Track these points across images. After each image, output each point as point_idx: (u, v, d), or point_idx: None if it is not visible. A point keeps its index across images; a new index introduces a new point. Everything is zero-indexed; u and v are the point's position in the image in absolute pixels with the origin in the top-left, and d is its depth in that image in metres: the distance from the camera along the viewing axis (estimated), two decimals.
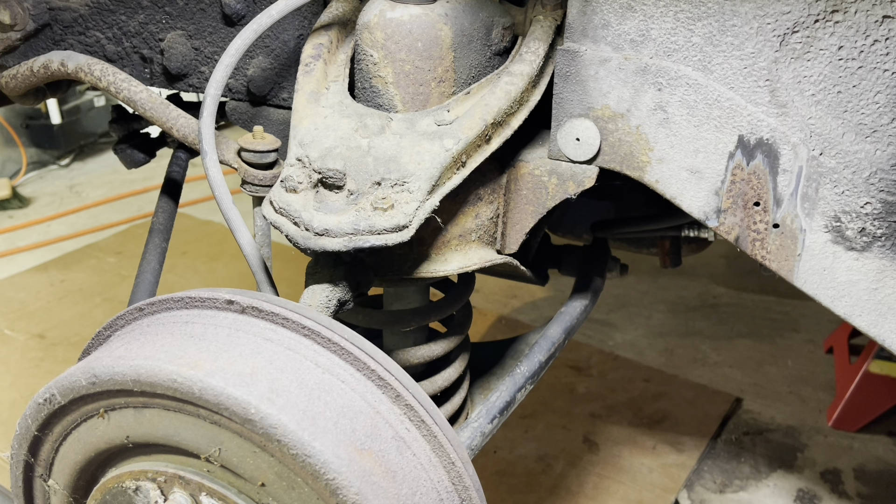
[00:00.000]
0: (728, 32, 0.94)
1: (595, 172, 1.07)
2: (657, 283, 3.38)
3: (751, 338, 3.01)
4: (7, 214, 4.32)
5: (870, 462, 2.37)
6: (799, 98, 0.93)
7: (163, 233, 1.43)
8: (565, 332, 1.39)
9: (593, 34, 1.01)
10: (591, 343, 2.96)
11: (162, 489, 0.90)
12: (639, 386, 2.71)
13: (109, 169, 4.92)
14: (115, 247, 3.85)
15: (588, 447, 2.42)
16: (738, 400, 2.65)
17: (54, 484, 1.00)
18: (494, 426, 1.21)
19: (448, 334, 1.31)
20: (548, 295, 3.27)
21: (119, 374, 0.85)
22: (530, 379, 1.29)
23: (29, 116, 4.85)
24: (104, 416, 0.91)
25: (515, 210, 1.12)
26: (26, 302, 3.29)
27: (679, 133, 1.00)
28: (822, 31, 0.90)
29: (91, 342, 1.05)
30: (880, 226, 0.94)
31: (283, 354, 0.88)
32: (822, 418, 2.56)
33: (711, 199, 1.01)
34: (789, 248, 0.99)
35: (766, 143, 0.96)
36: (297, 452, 0.79)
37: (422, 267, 1.09)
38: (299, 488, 0.83)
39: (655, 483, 2.28)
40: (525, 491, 2.24)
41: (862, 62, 0.89)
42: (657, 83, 0.99)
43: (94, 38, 1.42)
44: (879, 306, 0.97)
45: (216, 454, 0.85)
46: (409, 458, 0.89)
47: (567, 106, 1.05)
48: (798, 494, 2.25)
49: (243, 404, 0.80)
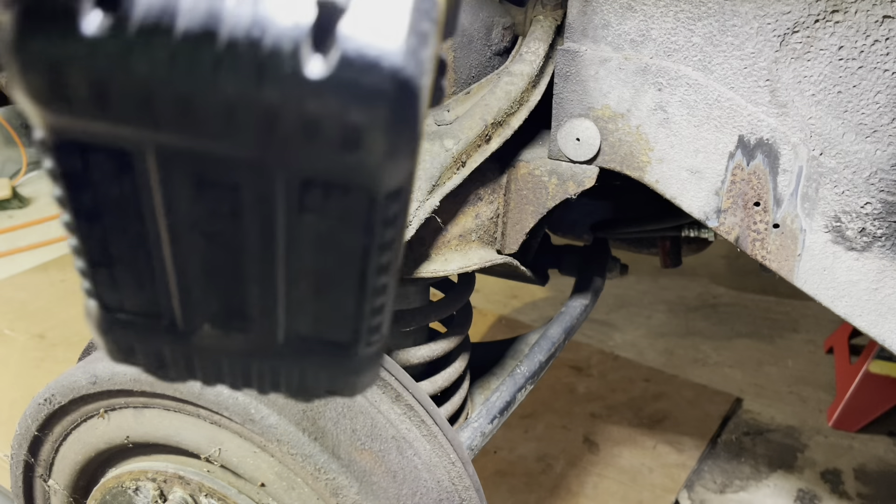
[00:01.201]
0: (728, 32, 0.94)
1: (595, 172, 1.07)
2: (657, 283, 3.38)
3: (751, 338, 3.01)
4: (7, 214, 4.33)
5: (870, 462, 2.37)
6: (799, 98, 0.93)
7: None
8: (565, 332, 1.39)
9: (593, 34, 1.01)
10: (591, 343, 2.96)
11: (162, 489, 0.89)
12: (639, 386, 2.71)
13: None
14: None
15: (588, 447, 2.42)
16: (739, 400, 2.65)
17: (54, 484, 1.00)
18: (494, 426, 1.21)
19: (448, 334, 1.31)
20: (548, 295, 3.27)
21: (119, 374, 0.85)
22: (530, 379, 1.29)
23: None
24: (104, 417, 0.91)
25: (515, 210, 1.12)
26: (26, 302, 3.29)
27: (679, 133, 1.00)
28: (822, 31, 0.90)
29: (91, 342, 1.05)
30: (880, 226, 0.94)
31: None
32: (822, 418, 2.56)
33: (711, 199, 1.01)
34: (789, 248, 0.99)
35: (766, 143, 0.96)
36: (298, 452, 0.79)
37: (422, 267, 1.09)
38: (299, 488, 0.83)
39: (655, 483, 2.28)
40: (525, 491, 2.24)
41: (862, 62, 0.89)
42: (657, 83, 0.99)
43: None
44: (879, 306, 0.97)
45: (216, 454, 0.85)
46: (409, 457, 0.89)
47: (567, 106, 1.05)
48: (798, 494, 2.25)
49: (243, 404, 0.80)
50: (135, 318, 0.41)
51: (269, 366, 0.42)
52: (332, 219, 0.36)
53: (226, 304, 0.40)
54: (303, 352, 0.41)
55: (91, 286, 0.40)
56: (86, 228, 0.38)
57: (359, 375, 0.43)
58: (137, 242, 0.38)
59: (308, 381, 0.43)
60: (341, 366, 0.42)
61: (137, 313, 0.41)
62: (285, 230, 0.36)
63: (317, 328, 0.41)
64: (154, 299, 0.40)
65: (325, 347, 0.41)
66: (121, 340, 0.42)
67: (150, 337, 0.41)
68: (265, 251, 0.37)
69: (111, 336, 0.42)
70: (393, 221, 0.36)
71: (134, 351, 0.42)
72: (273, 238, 0.36)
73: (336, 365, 0.42)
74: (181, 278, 0.39)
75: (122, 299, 0.40)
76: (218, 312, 0.40)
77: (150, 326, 0.41)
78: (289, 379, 0.43)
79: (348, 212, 0.35)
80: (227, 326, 0.41)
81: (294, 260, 0.38)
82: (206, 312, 0.40)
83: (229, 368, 0.42)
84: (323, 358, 0.42)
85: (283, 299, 0.39)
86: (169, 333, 0.41)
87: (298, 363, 0.42)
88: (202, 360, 0.42)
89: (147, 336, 0.41)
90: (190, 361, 0.42)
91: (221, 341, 0.41)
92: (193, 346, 0.41)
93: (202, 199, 0.35)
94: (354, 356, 0.42)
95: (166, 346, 0.41)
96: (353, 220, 0.36)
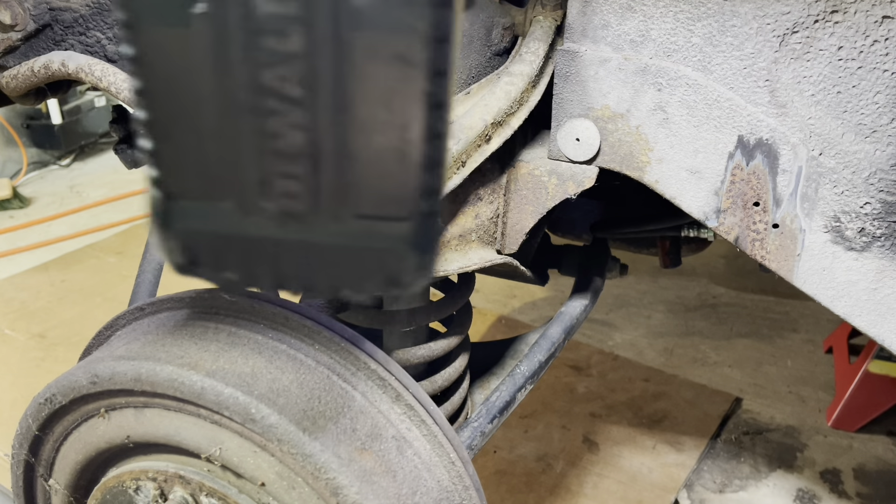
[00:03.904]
0: (728, 33, 0.94)
1: (595, 172, 1.07)
2: (657, 283, 3.38)
3: (750, 338, 3.01)
4: (8, 214, 4.33)
5: (869, 462, 2.37)
6: (798, 98, 0.94)
7: None
8: (565, 332, 1.40)
9: (593, 34, 1.01)
10: (591, 343, 2.97)
11: (162, 489, 0.90)
12: (639, 386, 2.71)
13: (110, 169, 4.92)
14: (115, 247, 3.85)
15: (588, 447, 2.42)
16: (738, 400, 2.65)
17: (55, 483, 1.00)
18: (494, 426, 1.21)
19: (448, 334, 1.31)
20: (548, 295, 3.27)
21: (120, 374, 0.85)
22: (530, 379, 1.29)
23: (30, 117, 4.85)
24: (105, 416, 0.91)
25: (515, 210, 1.12)
26: (27, 302, 3.29)
27: (679, 133, 1.00)
28: (821, 31, 0.90)
29: (92, 342, 1.05)
30: (880, 226, 0.94)
31: (283, 354, 0.88)
32: (821, 418, 2.56)
33: (711, 199, 1.02)
34: (789, 248, 0.99)
35: (765, 143, 0.96)
36: (298, 452, 0.79)
37: None
38: (300, 488, 0.83)
39: (655, 483, 2.28)
40: (525, 491, 2.24)
41: (861, 62, 0.89)
42: (657, 83, 0.99)
43: (95, 38, 1.42)
44: (879, 306, 0.97)
45: (217, 454, 0.85)
46: (409, 457, 0.89)
47: (567, 106, 1.05)
48: (798, 494, 2.25)
49: (244, 404, 0.80)
50: (198, 203, 0.41)
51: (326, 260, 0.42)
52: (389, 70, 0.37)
53: (286, 177, 0.40)
54: (356, 244, 0.41)
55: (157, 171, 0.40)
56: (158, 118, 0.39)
57: (415, 265, 0.42)
58: (199, 117, 0.38)
59: (366, 274, 0.43)
60: (397, 255, 0.42)
61: (201, 196, 0.41)
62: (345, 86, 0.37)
63: (372, 206, 0.41)
64: (217, 177, 0.40)
65: (380, 234, 0.41)
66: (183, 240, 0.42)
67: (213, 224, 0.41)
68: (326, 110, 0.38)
69: (174, 233, 0.42)
70: (444, 73, 0.37)
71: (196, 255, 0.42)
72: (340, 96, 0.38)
73: (391, 254, 0.42)
74: (245, 153, 0.39)
75: (185, 182, 0.40)
76: (280, 193, 0.40)
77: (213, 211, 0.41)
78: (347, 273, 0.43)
79: (403, 56, 0.37)
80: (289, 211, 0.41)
81: (355, 115, 0.38)
82: (265, 188, 0.40)
83: (289, 266, 0.42)
84: (378, 247, 0.42)
85: (338, 165, 0.40)
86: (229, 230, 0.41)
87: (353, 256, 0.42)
88: (262, 258, 0.42)
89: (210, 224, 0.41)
90: (250, 261, 0.42)
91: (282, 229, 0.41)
92: (253, 243, 0.41)
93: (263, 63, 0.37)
94: (411, 243, 0.42)
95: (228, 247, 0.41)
96: (409, 63, 0.37)
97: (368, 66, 0.37)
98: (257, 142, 0.39)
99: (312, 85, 0.38)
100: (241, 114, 0.39)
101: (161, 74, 0.38)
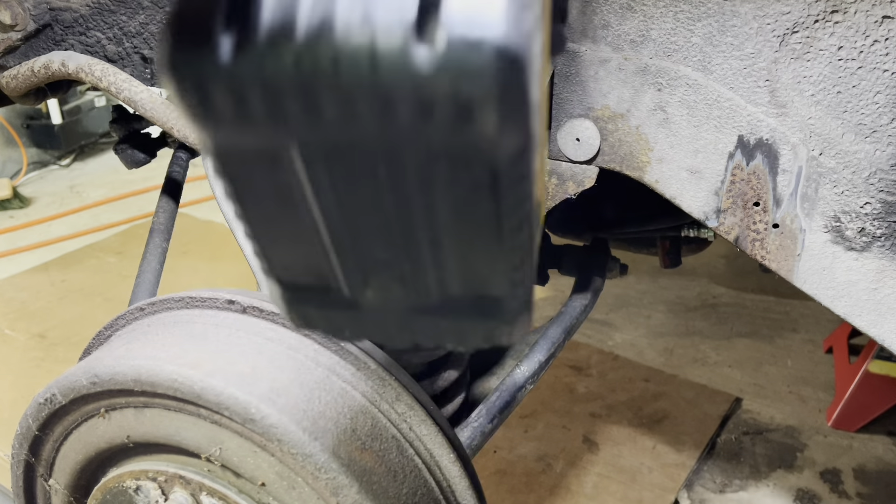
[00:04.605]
0: (728, 33, 0.94)
1: (595, 172, 1.07)
2: (657, 283, 3.38)
3: (750, 338, 3.01)
4: (8, 214, 4.33)
5: (869, 462, 2.37)
6: (799, 98, 0.94)
7: (163, 233, 1.44)
8: (565, 332, 1.39)
9: (593, 34, 1.01)
10: (591, 343, 2.97)
11: (162, 489, 0.90)
12: (639, 386, 2.71)
13: (110, 169, 4.92)
14: (115, 247, 3.85)
15: (588, 447, 2.42)
16: (738, 400, 2.65)
17: (55, 483, 1.00)
18: (494, 426, 1.21)
19: None
20: (548, 295, 3.27)
21: (120, 374, 0.85)
22: (530, 379, 1.29)
23: (30, 116, 4.85)
24: (105, 416, 0.91)
25: None
26: (27, 302, 3.30)
27: (679, 133, 1.00)
28: (821, 31, 0.90)
29: (92, 342, 1.05)
30: (880, 226, 0.94)
31: (283, 354, 0.88)
32: (821, 418, 2.56)
33: (711, 199, 1.02)
34: (789, 248, 0.99)
35: (765, 143, 0.96)
36: (298, 452, 0.79)
37: None
38: (300, 488, 0.83)
39: (655, 483, 2.28)
40: (525, 491, 2.24)
41: (861, 62, 0.89)
42: (657, 83, 0.99)
43: (95, 38, 1.42)
44: (879, 306, 0.97)
45: (217, 454, 0.85)
46: (409, 457, 0.89)
47: (567, 106, 1.06)
48: (798, 494, 2.25)
49: (244, 404, 0.80)
50: (309, 292, 0.46)
51: (430, 323, 0.47)
52: (462, 187, 0.39)
53: (382, 270, 0.44)
54: (458, 308, 0.46)
55: (267, 268, 0.45)
56: (253, 218, 0.42)
57: (511, 325, 0.47)
58: (298, 225, 0.42)
59: (467, 334, 0.48)
60: (494, 318, 0.46)
61: (310, 287, 0.46)
62: (423, 203, 0.40)
63: (466, 286, 0.45)
64: (320, 273, 0.45)
65: (477, 303, 0.45)
66: (301, 313, 0.48)
67: (324, 306, 0.47)
68: (407, 221, 0.41)
69: (293, 310, 0.48)
70: (520, 182, 0.39)
71: (313, 319, 0.48)
72: (412, 209, 0.40)
73: (490, 318, 0.46)
74: (340, 252, 0.43)
75: (294, 276, 0.46)
76: (376, 278, 0.45)
77: (322, 297, 0.46)
78: (449, 333, 0.48)
79: (474, 180, 0.38)
80: (387, 291, 0.45)
81: (436, 227, 0.41)
82: (365, 279, 0.45)
83: (395, 328, 0.48)
84: (477, 312, 0.46)
85: (431, 262, 0.43)
86: (339, 301, 0.46)
87: (455, 319, 0.46)
88: (371, 321, 0.47)
89: (322, 306, 0.47)
90: (361, 323, 0.48)
91: (385, 304, 0.46)
92: (361, 310, 0.46)
93: (344, 182, 0.39)
94: (505, 309, 0.46)
95: (339, 312, 0.47)
96: (480, 186, 0.38)
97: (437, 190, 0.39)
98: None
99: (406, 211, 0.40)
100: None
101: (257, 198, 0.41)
